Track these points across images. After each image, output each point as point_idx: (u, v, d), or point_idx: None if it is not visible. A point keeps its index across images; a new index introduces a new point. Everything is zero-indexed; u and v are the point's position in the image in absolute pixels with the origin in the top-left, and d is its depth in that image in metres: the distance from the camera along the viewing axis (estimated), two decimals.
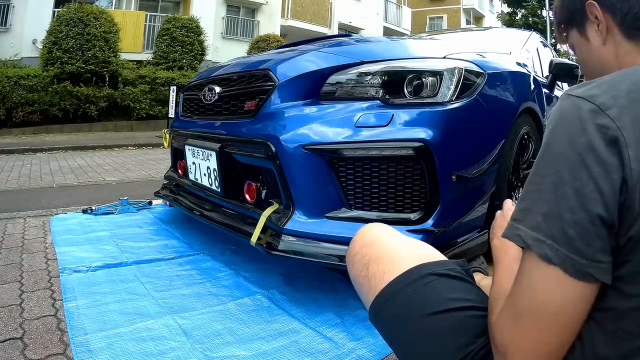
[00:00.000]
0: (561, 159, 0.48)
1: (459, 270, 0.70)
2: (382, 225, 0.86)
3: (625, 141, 0.45)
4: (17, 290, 1.44)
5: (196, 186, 1.92)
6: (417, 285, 0.66)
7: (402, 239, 0.79)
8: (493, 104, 1.50)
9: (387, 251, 0.75)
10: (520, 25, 16.26)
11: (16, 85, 8.39)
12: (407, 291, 0.66)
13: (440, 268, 0.68)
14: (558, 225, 0.48)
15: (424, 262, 0.70)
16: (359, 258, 0.78)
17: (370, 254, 0.76)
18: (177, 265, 1.71)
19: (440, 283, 0.66)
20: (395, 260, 0.71)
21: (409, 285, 0.67)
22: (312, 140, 1.34)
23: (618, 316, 0.49)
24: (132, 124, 9.85)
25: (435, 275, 0.67)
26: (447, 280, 0.67)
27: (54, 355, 1.08)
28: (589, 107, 0.48)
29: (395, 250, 0.74)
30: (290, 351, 1.12)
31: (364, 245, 0.79)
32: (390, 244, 0.77)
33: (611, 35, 0.64)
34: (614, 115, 0.46)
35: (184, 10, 12.71)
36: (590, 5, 0.64)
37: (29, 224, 2.28)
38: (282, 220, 1.37)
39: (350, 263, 0.80)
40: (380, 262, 0.73)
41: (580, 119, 0.48)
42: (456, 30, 3.12)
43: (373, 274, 0.72)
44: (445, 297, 0.64)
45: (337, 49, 1.58)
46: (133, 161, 5.70)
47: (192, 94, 2.01)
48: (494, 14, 25.16)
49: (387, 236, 0.80)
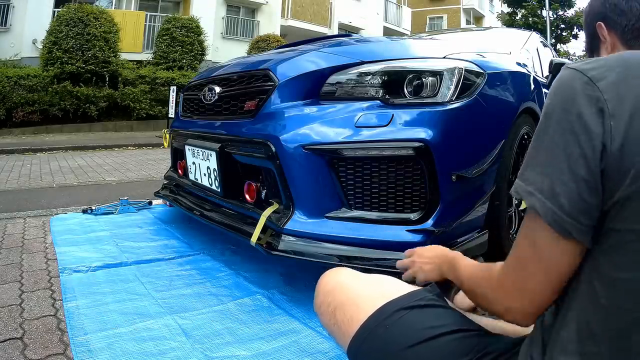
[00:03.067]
0: (555, 125, 0.53)
1: (429, 297, 0.71)
2: (342, 269, 0.86)
3: (609, 112, 0.49)
4: (17, 290, 1.44)
5: (196, 186, 1.92)
6: (388, 323, 0.67)
7: (364, 280, 0.80)
8: (493, 104, 1.50)
9: (350, 295, 0.75)
10: (520, 25, 16.25)
11: (16, 85, 8.39)
12: (380, 331, 0.67)
13: (408, 301, 0.69)
14: (548, 182, 0.52)
15: (390, 299, 0.70)
16: (324, 307, 0.79)
17: (335, 301, 0.77)
18: (177, 265, 1.71)
19: (412, 316, 0.67)
20: (359, 304, 0.72)
21: (380, 325, 0.67)
22: (312, 140, 1.34)
23: (611, 288, 0.50)
24: (132, 124, 9.85)
25: (404, 309, 0.68)
26: (419, 311, 0.68)
27: (54, 355, 1.08)
28: (582, 79, 0.52)
29: (357, 293, 0.75)
30: (290, 351, 1.12)
31: (327, 293, 0.80)
32: (352, 288, 0.77)
33: (616, 49, 0.71)
34: (602, 88, 0.50)
35: (184, 10, 12.71)
36: (599, 27, 0.72)
37: (29, 224, 2.28)
38: (282, 220, 1.37)
39: (319, 313, 0.81)
40: (345, 308, 0.74)
41: (573, 89, 0.52)
42: (456, 30, 3.12)
43: (341, 321, 0.73)
44: (420, 327, 0.65)
45: (337, 49, 1.58)
46: (133, 161, 5.70)
47: (192, 94, 2.01)
48: (494, 14, 25.14)
49: (348, 280, 0.80)
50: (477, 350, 0.62)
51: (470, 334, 0.65)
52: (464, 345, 0.63)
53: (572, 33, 17.04)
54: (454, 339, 0.64)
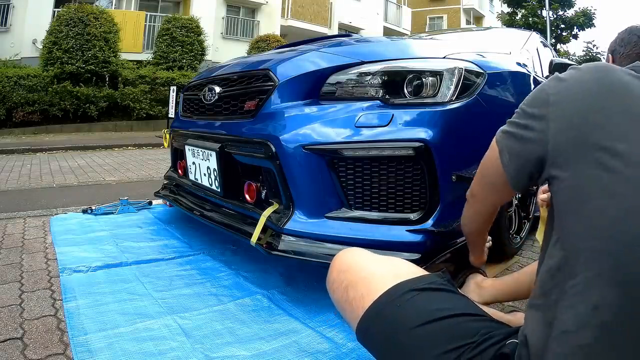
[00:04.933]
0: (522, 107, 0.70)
1: (440, 282, 0.73)
2: (356, 249, 0.89)
3: (550, 116, 0.63)
4: (17, 290, 1.44)
5: (196, 186, 1.92)
6: (399, 302, 0.69)
7: (377, 260, 0.82)
8: (493, 104, 1.49)
9: (363, 274, 0.77)
10: (520, 25, 16.24)
11: (16, 85, 8.38)
12: (390, 309, 0.69)
13: (419, 283, 0.72)
14: (509, 134, 0.71)
15: (402, 280, 0.72)
16: (337, 284, 0.81)
17: (348, 279, 0.79)
18: (177, 265, 1.71)
19: (422, 297, 0.69)
20: (372, 282, 0.74)
21: (391, 304, 0.69)
22: (312, 140, 1.34)
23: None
24: (132, 124, 9.84)
25: (415, 290, 0.70)
26: (429, 294, 0.70)
27: (54, 355, 1.08)
28: (550, 82, 0.67)
29: (371, 272, 0.77)
30: (290, 351, 1.12)
31: (340, 271, 0.82)
32: (365, 267, 0.79)
33: None
34: (554, 94, 0.65)
35: (184, 10, 12.71)
36: (608, 59, 0.94)
37: (29, 224, 2.28)
38: (282, 221, 1.37)
39: (331, 290, 0.83)
40: (358, 286, 0.76)
41: (542, 90, 0.67)
42: (456, 30, 3.11)
43: (353, 298, 0.75)
44: (430, 308, 0.67)
45: (337, 49, 1.58)
46: (133, 161, 5.70)
47: (192, 94, 2.01)
48: (494, 14, 25.13)
49: (362, 259, 0.83)
50: (482, 334, 0.64)
51: (477, 318, 0.68)
52: (470, 327, 0.65)
53: (572, 33, 17.02)
54: (462, 321, 0.66)
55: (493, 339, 0.63)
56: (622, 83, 0.61)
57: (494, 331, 0.65)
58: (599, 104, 0.59)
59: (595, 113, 0.59)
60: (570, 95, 0.62)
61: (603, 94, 0.60)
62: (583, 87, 0.62)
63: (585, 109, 0.60)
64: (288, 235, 1.36)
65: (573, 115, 0.60)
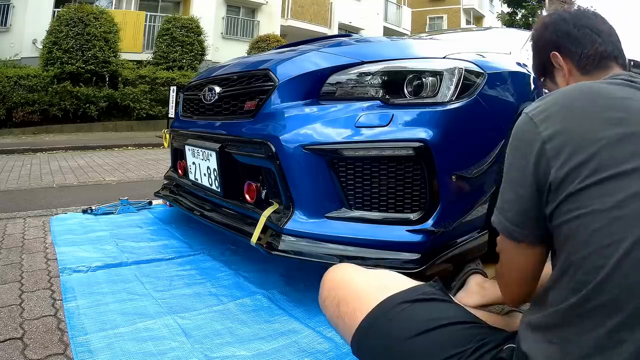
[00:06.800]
0: (509, 160, 0.67)
1: (432, 291, 0.74)
2: (346, 265, 0.90)
3: (543, 149, 0.60)
4: (17, 290, 1.44)
5: (196, 186, 1.92)
6: (391, 315, 0.69)
7: (367, 275, 0.83)
8: (493, 104, 1.49)
9: (353, 289, 0.78)
10: (520, 25, 16.22)
11: (16, 85, 8.39)
12: (383, 322, 0.70)
13: (411, 295, 0.72)
14: (500, 201, 0.67)
15: (393, 292, 0.73)
16: (329, 301, 0.82)
17: (339, 295, 0.80)
18: (177, 265, 1.71)
19: (414, 308, 0.70)
20: (363, 297, 0.75)
21: (384, 317, 0.70)
22: (312, 140, 1.34)
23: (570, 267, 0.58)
24: (132, 124, 9.84)
25: (407, 302, 0.70)
26: (421, 305, 0.71)
27: (54, 355, 1.08)
28: (525, 121, 0.64)
29: (361, 287, 0.78)
30: (290, 351, 1.12)
31: (331, 288, 0.83)
32: (355, 282, 0.80)
33: (572, 76, 0.80)
34: (539, 125, 0.62)
35: (184, 10, 12.71)
36: (554, 56, 0.81)
37: (29, 224, 2.28)
38: (282, 221, 1.37)
39: (323, 307, 0.84)
40: (350, 301, 0.76)
41: (521, 131, 0.65)
42: (456, 30, 3.11)
43: (345, 313, 0.76)
44: (422, 319, 0.68)
45: (337, 49, 1.58)
46: (133, 161, 5.70)
47: (192, 94, 2.01)
48: (494, 14, 25.10)
49: (352, 275, 0.83)
50: (477, 340, 0.64)
51: (471, 326, 0.68)
52: (465, 335, 0.65)
53: None
54: (456, 329, 0.66)
55: (488, 346, 0.64)
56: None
57: (489, 337, 0.65)
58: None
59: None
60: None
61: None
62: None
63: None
64: (288, 235, 1.35)
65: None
